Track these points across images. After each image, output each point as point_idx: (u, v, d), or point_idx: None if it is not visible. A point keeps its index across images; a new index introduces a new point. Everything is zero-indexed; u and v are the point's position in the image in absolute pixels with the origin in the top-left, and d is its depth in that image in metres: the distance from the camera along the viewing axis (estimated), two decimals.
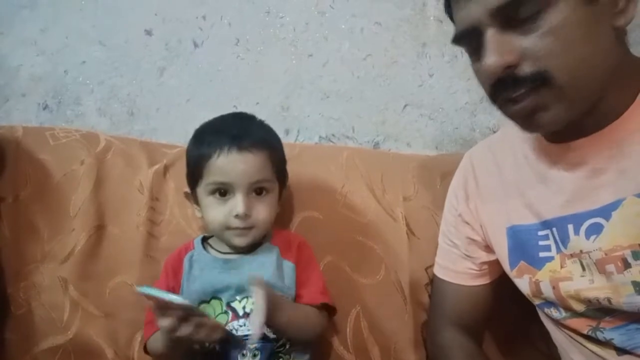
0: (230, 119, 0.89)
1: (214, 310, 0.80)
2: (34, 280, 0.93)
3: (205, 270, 0.83)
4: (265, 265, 0.83)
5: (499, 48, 0.59)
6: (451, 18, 0.69)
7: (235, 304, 0.80)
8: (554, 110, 0.60)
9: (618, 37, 0.61)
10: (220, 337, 0.72)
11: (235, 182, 0.80)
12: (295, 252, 0.86)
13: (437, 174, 1.01)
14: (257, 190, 0.82)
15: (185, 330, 0.69)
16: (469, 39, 0.63)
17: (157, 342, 0.79)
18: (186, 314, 0.69)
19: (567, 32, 0.58)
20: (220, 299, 0.81)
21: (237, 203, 0.80)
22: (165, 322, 0.69)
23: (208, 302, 0.81)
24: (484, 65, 0.60)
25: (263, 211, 0.82)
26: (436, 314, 0.88)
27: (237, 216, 0.80)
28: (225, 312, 0.79)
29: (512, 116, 0.64)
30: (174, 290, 0.83)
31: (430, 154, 1.17)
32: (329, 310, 0.87)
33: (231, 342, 0.75)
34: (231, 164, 0.80)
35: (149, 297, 0.68)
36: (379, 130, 1.20)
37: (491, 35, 0.59)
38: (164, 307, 0.69)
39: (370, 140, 1.20)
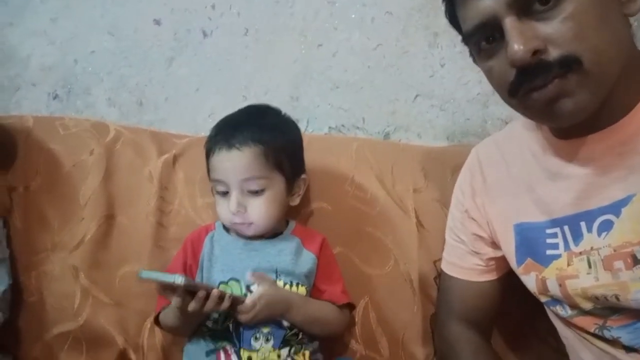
0: (237, 115, 0.91)
1: (232, 292, 0.81)
2: (45, 269, 0.94)
3: (226, 250, 0.86)
4: (284, 251, 0.85)
5: (524, 34, 0.57)
6: (452, 23, 0.69)
7: (254, 287, 0.81)
8: (579, 96, 0.59)
9: (627, 25, 0.61)
10: (228, 305, 0.75)
11: (227, 180, 0.83)
12: (319, 247, 0.88)
13: (447, 167, 1.00)
14: (252, 187, 0.83)
15: (193, 305, 0.72)
16: (483, 34, 0.62)
17: (169, 315, 0.81)
18: (191, 289, 0.72)
19: (587, 17, 0.57)
20: (239, 281, 0.82)
21: (231, 200, 0.82)
22: (175, 301, 0.72)
23: (226, 283, 0.82)
24: (511, 53, 0.58)
25: (259, 208, 0.83)
26: (443, 310, 0.87)
27: (232, 213, 0.83)
28: (245, 295, 0.80)
29: (533, 105, 0.62)
30: (191, 268, 0.85)
31: (441, 145, 1.16)
32: (349, 308, 0.89)
33: (237, 304, 0.77)
34: (221, 162, 0.84)
35: (152, 281, 0.71)
36: (389, 120, 1.19)
37: (511, 22, 0.58)
38: (168, 287, 0.72)
39: (380, 131, 1.19)
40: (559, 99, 0.59)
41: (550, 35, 0.57)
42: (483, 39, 0.63)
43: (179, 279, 0.69)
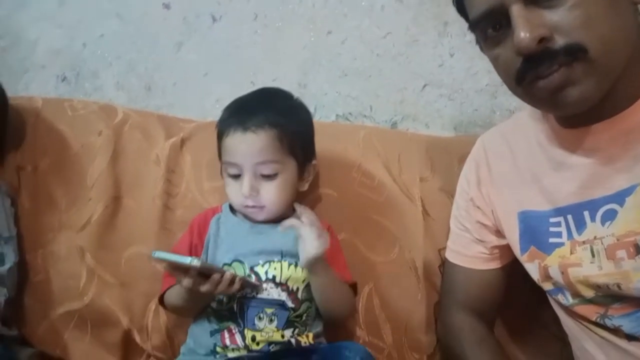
0: (250, 97, 0.91)
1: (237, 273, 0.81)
2: (52, 248, 0.95)
3: (231, 232, 0.86)
4: (289, 234, 0.85)
5: (530, 22, 0.57)
6: (460, 10, 0.68)
7: (258, 268, 0.82)
8: (584, 85, 0.59)
9: (636, 14, 0.60)
10: (238, 288, 0.76)
11: (241, 162, 0.82)
12: None
13: (454, 156, 1.00)
14: (265, 171, 0.82)
15: (205, 287, 0.73)
16: (490, 21, 0.62)
17: (175, 296, 0.81)
18: (204, 272, 0.72)
19: (595, 5, 0.57)
20: (243, 263, 0.82)
21: (243, 183, 0.82)
22: (186, 282, 0.73)
23: (230, 264, 0.82)
24: (517, 40, 0.58)
25: (271, 192, 0.83)
26: (447, 298, 0.88)
27: (244, 196, 0.82)
28: (249, 276, 0.81)
29: (538, 93, 0.62)
30: (197, 249, 0.85)
31: (448, 135, 1.15)
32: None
33: (246, 287, 0.78)
34: (235, 144, 0.82)
35: (164, 261, 0.72)
36: (397, 109, 1.19)
37: (518, 10, 0.58)
38: (181, 269, 0.72)
39: (388, 120, 1.19)
40: (564, 87, 0.59)
41: (556, 23, 0.57)
42: (490, 27, 0.63)
43: (195, 262, 0.69)
